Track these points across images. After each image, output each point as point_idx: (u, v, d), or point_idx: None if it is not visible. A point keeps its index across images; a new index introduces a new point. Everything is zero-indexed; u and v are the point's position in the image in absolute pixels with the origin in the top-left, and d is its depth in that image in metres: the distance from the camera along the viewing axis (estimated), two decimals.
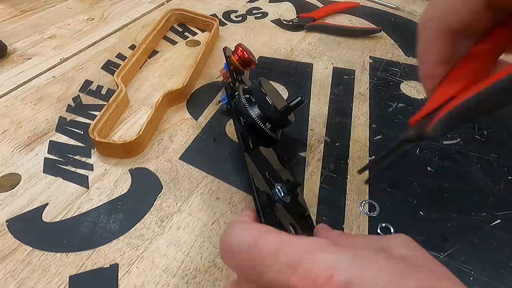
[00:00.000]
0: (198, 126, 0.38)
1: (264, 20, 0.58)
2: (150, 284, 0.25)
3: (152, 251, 0.27)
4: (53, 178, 0.32)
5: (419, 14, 0.61)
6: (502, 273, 0.27)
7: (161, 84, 0.44)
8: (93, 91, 0.42)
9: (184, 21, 0.56)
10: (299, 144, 0.36)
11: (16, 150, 0.35)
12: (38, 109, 0.39)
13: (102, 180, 0.32)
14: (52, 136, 0.36)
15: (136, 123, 0.38)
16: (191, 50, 0.50)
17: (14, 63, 0.46)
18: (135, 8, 0.59)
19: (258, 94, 0.31)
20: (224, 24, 0.56)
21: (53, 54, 0.48)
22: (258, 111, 0.31)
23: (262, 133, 0.31)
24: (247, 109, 0.31)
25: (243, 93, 0.32)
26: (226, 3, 0.62)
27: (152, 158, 0.34)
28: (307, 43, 0.52)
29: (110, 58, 0.48)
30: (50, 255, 0.27)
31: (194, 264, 0.27)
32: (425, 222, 0.30)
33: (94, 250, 0.27)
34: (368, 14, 0.60)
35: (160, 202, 0.31)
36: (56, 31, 0.53)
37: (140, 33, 0.53)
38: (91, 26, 0.54)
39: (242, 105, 0.31)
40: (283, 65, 0.48)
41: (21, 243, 0.28)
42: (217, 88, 0.43)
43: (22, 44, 0.50)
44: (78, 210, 0.30)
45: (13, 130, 0.37)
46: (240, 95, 0.32)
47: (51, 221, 0.29)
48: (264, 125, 0.31)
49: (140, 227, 0.29)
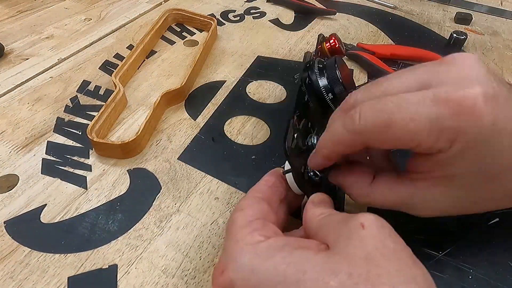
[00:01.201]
0: (196, 126, 0.38)
1: (262, 19, 0.58)
2: (149, 284, 0.25)
3: (151, 252, 0.27)
4: (51, 179, 0.32)
5: (417, 13, 0.62)
6: (500, 271, 0.27)
7: (159, 84, 0.44)
8: (91, 91, 0.42)
9: (182, 21, 0.55)
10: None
11: (13, 151, 0.35)
12: (36, 109, 0.39)
13: (100, 180, 0.32)
14: (50, 137, 0.36)
15: (135, 124, 0.38)
16: (189, 50, 0.50)
17: (12, 64, 0.46)
18: (132, 8, 0.59)
19: (330, 67, 0.31)
20: (222, 24, 0.56)
21: (50, 55, 0.48)
22: (325, 82, 0.31)
23: (323, 102, 0.31)
24: (316, 74, 0.31)
25: (317, 63, 0.32)
26: (224, 3, 0.62)
27: (151, 159, 0.34)
28: (305, 43, 0.52)
29: (108, 58, 0.47)
30: (48, 256, 0.27)
31: (193, 264, 0.27)
32: (423, 220, 0.30)
33: (92, 251, 0.27)
34: (366, 14, 0.60)
35: (158, 203, 0.31)
36: (53, 31, 0.53)
37: (138, 33, 0.53)
38: (89, 26, 0.54)
39: (313, 72, 0.31)
40: (282, 64, 0.48)
41: (19, 244, 0.27)
42: (216, 88, 0.43)
43: (19, 45, 0.49)
44: (77, 211, 0.30)
45: (11, 131, 0.37)
46: (315, 64, 0.32)
47: (50, 222, 0.29)
48: (327, 95, 0.31)
49: (139, 228, 0.29)
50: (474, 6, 0.65)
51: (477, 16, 0.61)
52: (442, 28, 0.58)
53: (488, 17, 0.62)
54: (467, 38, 0.51)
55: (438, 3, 0.66)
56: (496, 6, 0.65)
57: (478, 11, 0.63)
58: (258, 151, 0.35)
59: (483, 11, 0.64)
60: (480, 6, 0.65)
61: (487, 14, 0.63)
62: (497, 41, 0.55)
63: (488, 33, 0.57)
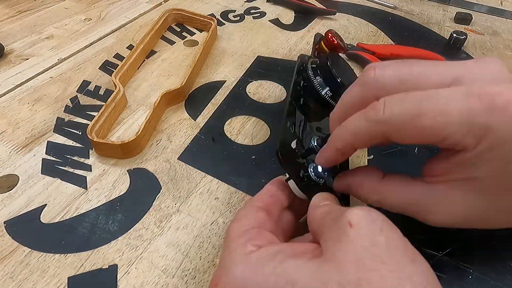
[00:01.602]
0: (196, 126, 0.38)
1: (262, 20, 0.58)
2: (149, 284, 0.25)
3: (151, 252, 0.27)
4: (51, 179, 0.32)
5: (417, 13, 0.62)
6: (501, 271, 0.27)
7: (159, 84, 0.44)
8: (91, 91, 0.42)
9: (182, 21, 0.55)
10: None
11: (13, 151, 0.35)
12: (36, 109, 0.39)
13: (100, 180, 0.32)
14: (50, 137, 0.36)
15: (135, 124, 0.38)
16: (189, 50, 0.50)
17: (11, 64, 0.46)
18: (132, 8, 0.59)
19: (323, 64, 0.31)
20: (222, 24, 0.56)
21: (50, 55, 0.48)
22: (321, 80, 0.30)
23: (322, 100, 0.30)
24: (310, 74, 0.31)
25: (310, 64, 0.32)
26: (224, 3, 0.62)
27: (151, 159, 0.34)
28: (305, 43, 0.52)
29: (108, 58, 0.47)
30: (48, 256, 0.27)
31: (193, 264, 0.27)
32: None
33: (93, 251, 0.27)
34: (366, 14, 0.60)
35: (158, 203, 0.31)
36: (53, 32, 0.53)
37: (138, 33, 0.53)
38: (89, 26, 0.54)
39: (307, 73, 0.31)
40: (282, 64, 0.48)
41: (19, 244, 0.27)
42: (216, 88, 0.43)
43: (19, 45, 0.49)
44: (77, 211, 0.30)
45: (11, 131, 0.37)
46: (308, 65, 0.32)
47: (50, 222, 0.29)
48: (324, 93, 0.30)
49: (139, 228, 0.29)
50: (474, 6, 0.65)
51: (477, 16, 0.61)
52: (442, 28, 0.58)
53: (488, 17, 0.62)
54: (467, 38, 0.51)
55: (438, 3, 0.66)
56: (496, 6, 0.65)
57: (478, 11, 0.63)
58: (258, 151, 0.35)
59: (483, 11, 0.64)
60: (480, 6, 0.65)
61: (487, 14, 0.63)
62: (497, 41, 0.55)
63: (488, 33, 0.57)
